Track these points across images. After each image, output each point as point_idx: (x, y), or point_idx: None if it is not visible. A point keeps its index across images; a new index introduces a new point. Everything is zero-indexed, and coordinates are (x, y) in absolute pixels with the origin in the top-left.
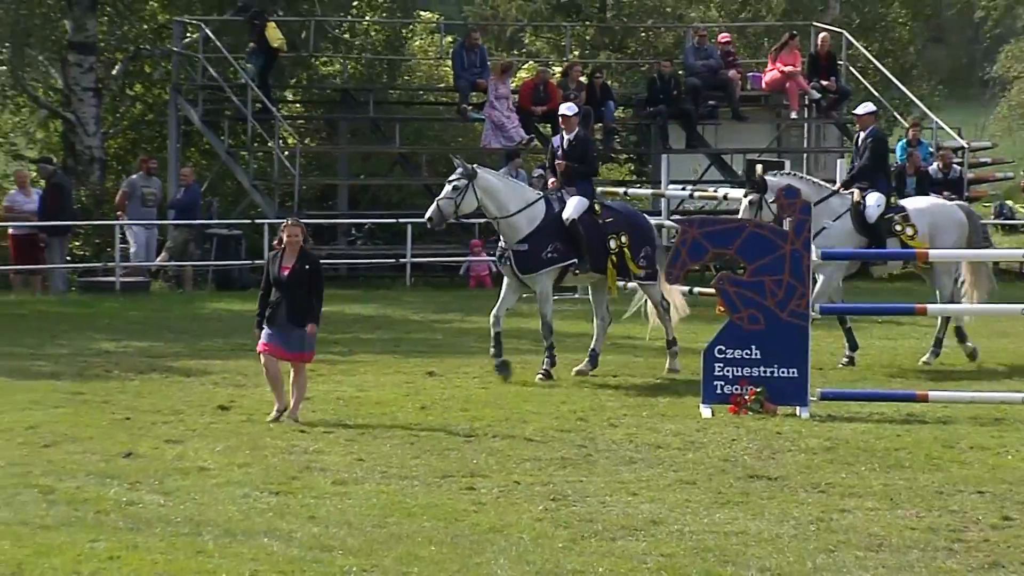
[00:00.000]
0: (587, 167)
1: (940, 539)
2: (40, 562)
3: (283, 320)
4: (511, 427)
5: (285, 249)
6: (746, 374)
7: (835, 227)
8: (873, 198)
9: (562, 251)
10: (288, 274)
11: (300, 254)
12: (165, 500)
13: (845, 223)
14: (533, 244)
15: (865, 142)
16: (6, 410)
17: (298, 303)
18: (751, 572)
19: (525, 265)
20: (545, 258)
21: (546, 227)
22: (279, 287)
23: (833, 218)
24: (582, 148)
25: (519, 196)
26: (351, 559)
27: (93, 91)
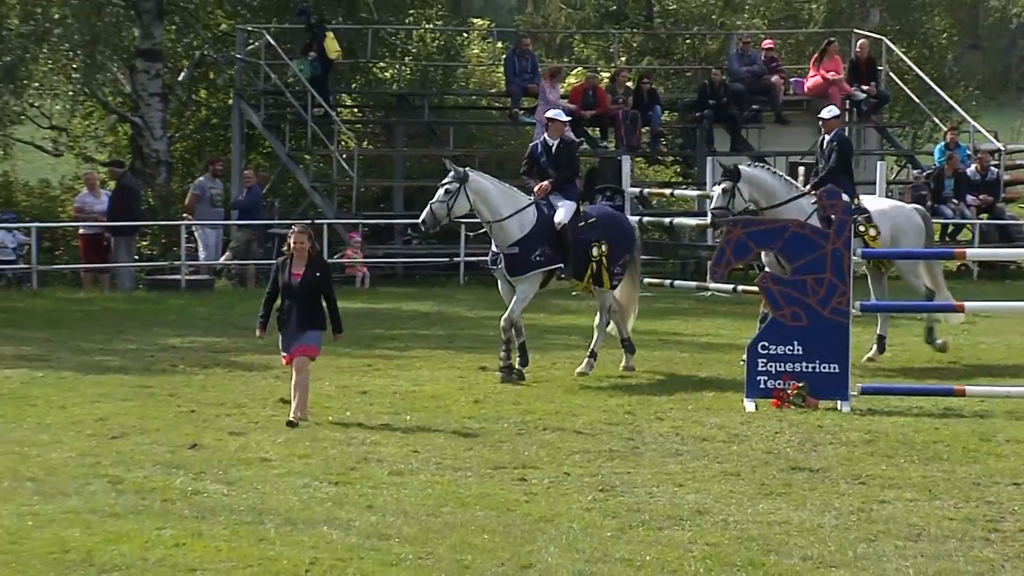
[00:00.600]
0: (571, 173)
1: (977, 529)
2: (109, 549)
3: (294, 326)
4: (561, 420)
5: (293, 256)
6: (789, 369)
7: None
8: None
9: (550, 255)
10: (300, 281)
11: (309, 260)
12: (228, 490)
13: (814, 224)
14: (524, 248)
15: (831, 144)
16: (77, 403)
17: (309, 309)
18: (793, 560)
19: (515, 268)
20: (534, 261)
21: (537, 232)
22: (290, 294)
23: (803, 219)
24: (569, 153)
25: (511, 200)
26: (407, 547)
27: (160, 96)
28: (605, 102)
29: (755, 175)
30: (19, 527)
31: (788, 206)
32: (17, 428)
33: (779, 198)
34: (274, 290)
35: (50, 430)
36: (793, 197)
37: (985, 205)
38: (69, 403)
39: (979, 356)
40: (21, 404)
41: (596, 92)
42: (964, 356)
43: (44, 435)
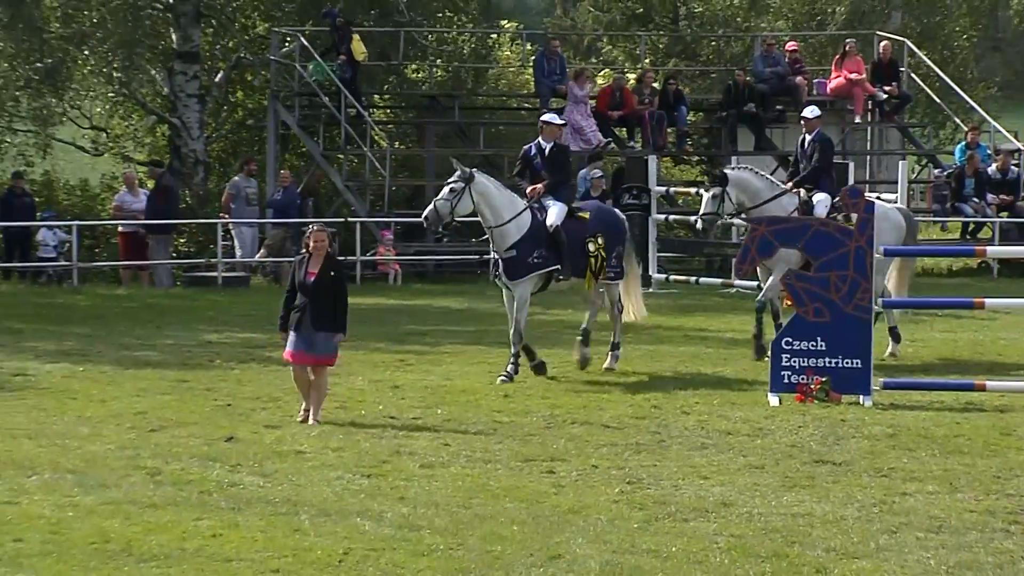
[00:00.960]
0: (564, 176)
1: (998, 521)
2: (148, 539)
3: (308, 325)
4: (589, 414)
5: (311, 255)
6: (812, 364)
7: None
8: (819, 198)
9: (546, 257)
10: (314, 280)
11: (325, 260)
12: (264, 482)
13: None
14: (520, 251)
15: (812, 144)
16: (116, 397)
17: (323, 309)
18: (817, 552)
19: (513, 271)
20: (531, 263)
21: (532, 235)
22: (304, 292)
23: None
24: (562, 156)
25: (511, 204)
26: (438, 538)
27: (197, 98)
28: (632, 103)
29: (741, 177)
30: (60, 518)
31: (770, 204)
32: (59, 421)
33: (763, 197)
34: (292, 290)
35: (90, 423)
36: (775, 195)
37: (1005, 204)
38: (109, 397)
39: (999, 352)
40: (62, 398)
41: (623, 93)
42: (984, 352)
43: (85, 428)
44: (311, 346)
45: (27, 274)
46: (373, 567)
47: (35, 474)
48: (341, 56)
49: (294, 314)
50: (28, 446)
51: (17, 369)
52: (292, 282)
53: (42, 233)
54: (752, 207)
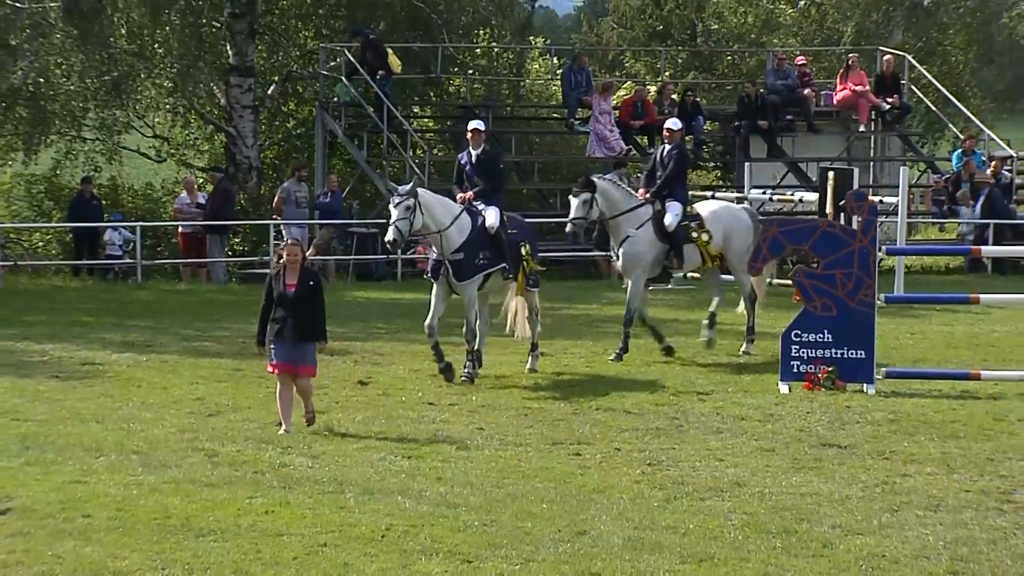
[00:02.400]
0: (495, 182)
1: (991, 500)
2: (206, 515)
3: (290, 336)
4: (612, 401)
5: (286, 267)
6: (819, 355)
7: (639, 234)
8: (672, 207)
9: (491, 258)
10: (294, 292)
11: (302, 272)
12: (312, 463)
13: (648, 230)
14: (467, 253)
15: (671, 154)
16: (177, 384)
17: (305, 319)
18: (824, 528)
19: (461, 273)
20: (478, 265)
21: (475, 237)
22: (285, 305)
23: (637, 226)
24: (490, 163)
25: (449, 209)
26: (473, 515)
27: (251, 109)
28: (652, 113)
29: (605, 187)
30: (125, 495)
31: (628, 215)
32: (124, 407)
33: (621, 208)
34: (269, 302)
35: (153, 408)
36: (631, 208)
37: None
38: (170, 384)
39: (993, 343)
40: (127, 385)
41: (644, 104)
42: (979, 343)
43: (148, 413)
44: (293, 356)
45: (95, 271)
46: (413, 541)
47: (102, 455)
48: (380, 72)
49: (273, 325)
50: (96, 429)
51: (86, 359)
52: (268, 295)
53: (109, 233)
54: (610, 217)
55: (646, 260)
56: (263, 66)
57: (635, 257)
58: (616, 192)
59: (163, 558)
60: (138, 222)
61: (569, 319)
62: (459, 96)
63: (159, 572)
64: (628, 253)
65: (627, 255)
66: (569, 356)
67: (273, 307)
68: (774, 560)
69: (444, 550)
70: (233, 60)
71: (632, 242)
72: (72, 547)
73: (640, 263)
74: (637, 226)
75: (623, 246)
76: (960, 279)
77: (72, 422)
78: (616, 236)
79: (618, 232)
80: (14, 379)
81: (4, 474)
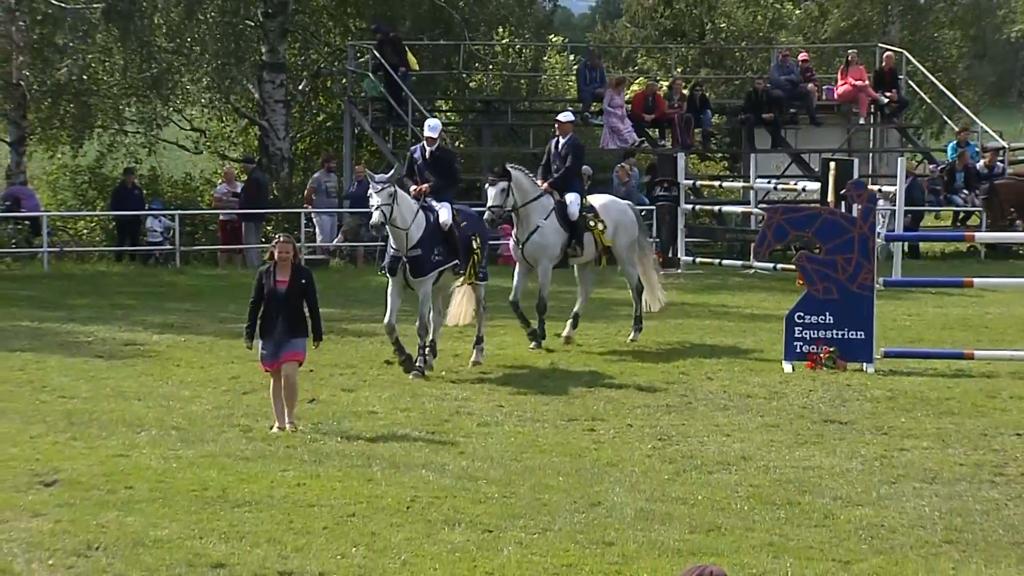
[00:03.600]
0: (448, 179)
1: (984, 473)
2: (241, 487)
3: (280, 334)
4: (625, 379)
5: (276, 264)
6: (821, 336)
7: (547, 224)
8: (572, 198)
9: (445, 254)
10: (286, 288)
11: (293, 269)
12: (341, 438)
13: (553, 220)
14: (424, 249)
15: (567, 146)
16: (213, 364)
17: (297, 316)
18: (825, 500)
19: (419, 269)
20: (433, 261)
21: (431, 234)
22: (275, 301)
23: (544, 216)
24: (444, 161)
25: (411, 206)
26: (493, 487)
27: (283, 103)
28: (663, 107)
29: (519, 177)
30: (165, 468)
31: (534, 203)
32: (163, 385)
33: (530, 197)
34: (259, 298)
35: (191, 386)
36: (537, 196)
37: None
38: (207, 364)
39: (986, 324)
40: (167, 364)
41: (655, 98)
42: (973, 324)
43: (186, 391)
44: (284, 350)
45: (137, 257)
46: (437, 512)
47: (143, 431)
48: (402, 68)
49: (263, 323)
50: (137, 407)
51: (128, 340)
52: (258, 291)
53: (150, 221)
54: (521, 205)
55: (554, 250)
56: (294, 63)
57: (544, 247)
58: (526, 181)
59: (201, 527)
60: (177, 210)
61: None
62: (480, 91)
63: (197, 540)
64: (538, 243)
65: (537, 245)
66: (583, 337)
67: (263, 304)
68: (778, 530)
69: (466, 520)
70: (266, 57)
71: (541, 232)
72: (115, 517)
73: (548, 253)
74: (544, 216)
75: (533, 236)
76: (955, 264)
77: (115, 399)
78: (526, 226)
79: (528, 222)
80: (61, 358)
81: (52, 448)
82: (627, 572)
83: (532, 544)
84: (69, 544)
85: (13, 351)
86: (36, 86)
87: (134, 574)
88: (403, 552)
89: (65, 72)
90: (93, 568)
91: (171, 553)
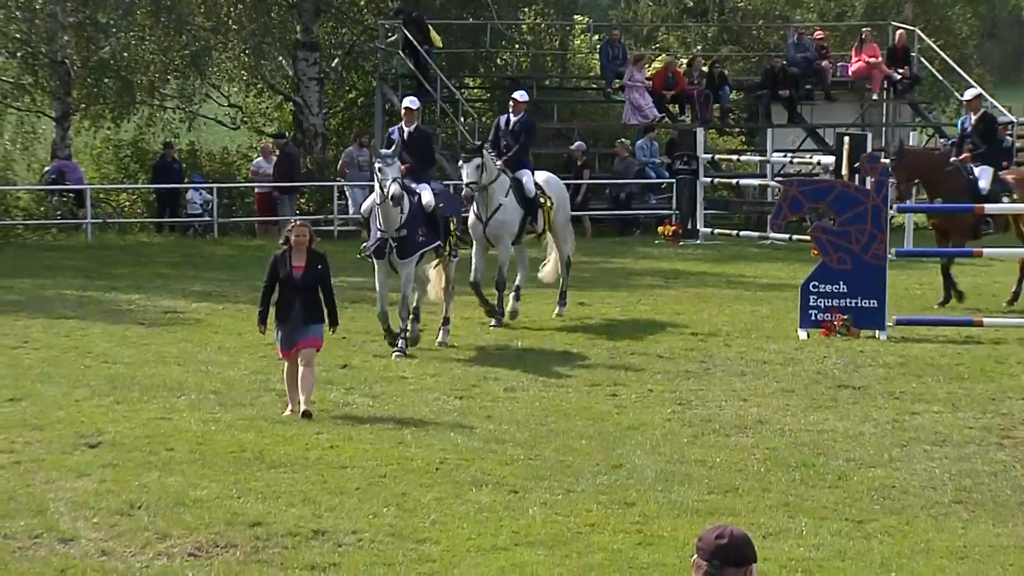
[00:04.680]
0: (427, 160)
1: (992, 436)
2: (277, 449)
3: (297, 319)
4: (645, 346)
5: (292, 249)
6: (835, 304)
7: (508, 202)
8: (526, 176)
9: (428, 235)
10: (302, 274)
11: (309, 254)
12: (373, 402)
13: (512, 198)
14: (410, 231)
15: (520, 124)
16: (250, 330)
17: (313, 302)
18: (839, 462)
19: (404, 251)
20: (419, 242)
21: (415, 215)
22: (291, 287)
23: (505, 194)
24: (422, 142)
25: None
26: (519, 450)
27: (317, 80)
28: (683, 83)
29: (485, 155)
30: (204, 431)
31: (498, 183)
32: (202, 351)
33: (494, 175)
34: (272, 283)
35: (229, 352)
36: (498, 175)
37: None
38: (243, 331)
39: (995, 293)
40: (206, 331)
41: (675, 75)
42: (982, 293)
43: (224, 356)
44: (300, 335)
45: (176, 228)
46: (464, 473)
47: (183, 395)
48: (425, 46)
49: (277, 309)
50: (177, 371)
51: (168, 307)
52: (272, 276)
53: (189, 193)
54: (486, 184)
55: (514, 227)
56: (327, 41)
57: (505, 224)
58: (490, 161)
59: (239, 487)
60: (215, 184)
61: (607, 272)
62: (507, 68)
63: (235, 500)
64: (501, 221)
65: (501, 223)
66: (606, 305)
67: (277, 289)
68: (793, 491)
69: (493, 481)
70: (300, 36)
71: (504, 210)
72: (157, 477)
73: (510, 230)
74: (505, 194)
75: (496, 214)
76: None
77: (156, 364)
78: (489, 204)
79: (492, 199)
80: (104, 326)
81: (96, 411)
82: (647, 531)
83: (556, 504)
84: (113, 503)
85: (59, 318)
86: (80, 64)
87: (175, 532)
88: (432, 512)
89: (108, 50)
90: (135, 526)
91: (210, 512)
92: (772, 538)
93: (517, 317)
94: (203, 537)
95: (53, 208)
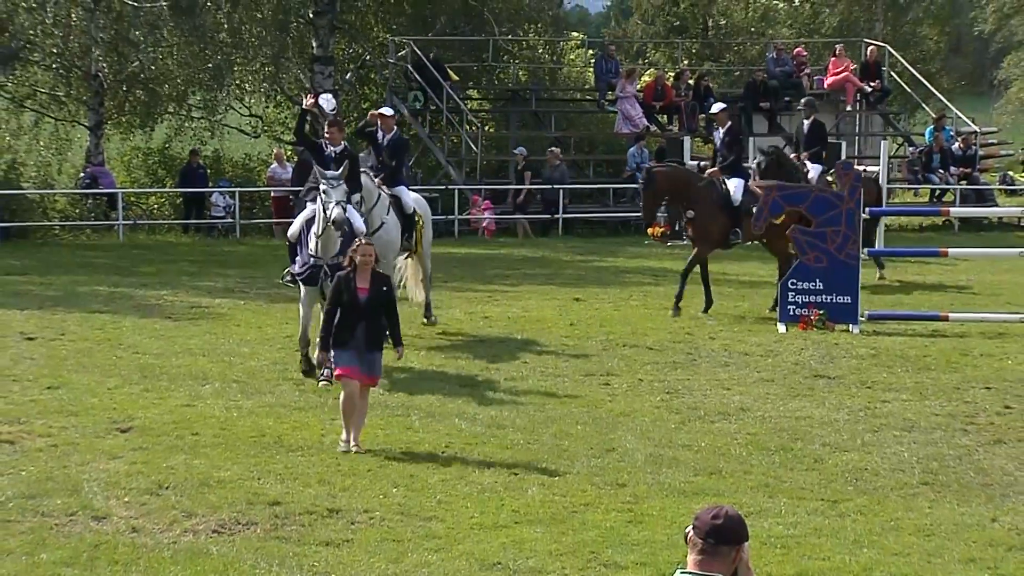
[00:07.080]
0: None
1: (957, 422)
2: (295, 434)
3: (361, 345)
4: (636, 339)
5: (356, 270)
6: (812, 300)
7: (390, 220)
8: (405, 191)
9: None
10: (367, 297)
11: (373, 275)
12: (383, 390)
13: (393, 216)
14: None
15: (395, 142)
16: (269, 324)
17: (376, 326)
18: (815, 446)
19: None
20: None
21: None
22: (356, 310)
23: (386, 212)
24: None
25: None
26: (519, 434)
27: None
28: (671, 95)
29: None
30: (227, 417)
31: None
32: (225, 342)
33: (375, 197)
34: (335, 307)
35: (250, 344)
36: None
37: (965, 175)
38: (264, 324)
39: (959, 290)
40: (228, 324)
41: (664, 88)
42: (948, 290)
43: (245, 348)
44: (362, 365)
45: (201, 229)
46: (468, 456)
47: (208, 383)
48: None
49: (338, 332)
50: (202, 361)
51: (193, 303)
52: (336, 299)
53: (214, 196)
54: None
55: (397, 244)
56: (342, 56)
57: (390, 244)
58: (369, 182)
59: (259, 469)
60: (237, 188)
61: (600, 270)
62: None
63: (256, 481)
64: (385, 240)
65: (385, 242)
66: (599, 301)
67: (340, 313)
68: (773, 473)
69: (494, 464)
70: (316, 51)
71: (387, 229)
72: (183, 460)
73: (393, 248)
74: (386, 212)
75: (379, 232)
76: (931, 236)
77: (183, 355)
78: (370, 224)
79: (373, 220)
80: (134, 319)
81: (126, 399)
82: (638, 510)
83: (553, 485)
84: (142, 484)
85: (93, 312)
86: (112, 76)
87: (200, 510)
88: (438, 492)
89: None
90: (163, 505)
91: (232, 492)
92: (753, 517)
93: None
94: (226, 515)
95: (87, 210)
